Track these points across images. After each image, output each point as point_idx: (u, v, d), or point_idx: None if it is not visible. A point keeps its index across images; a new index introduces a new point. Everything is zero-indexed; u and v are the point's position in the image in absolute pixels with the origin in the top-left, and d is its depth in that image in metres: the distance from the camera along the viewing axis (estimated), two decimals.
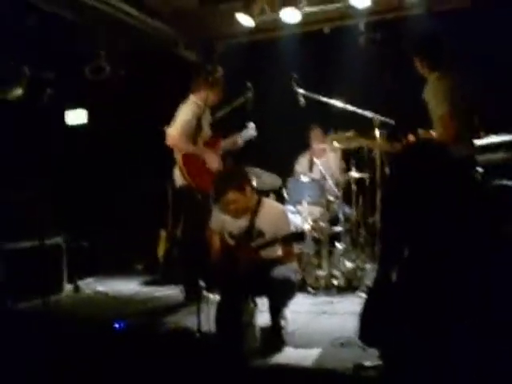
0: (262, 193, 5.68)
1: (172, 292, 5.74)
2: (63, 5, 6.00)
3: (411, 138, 4.45)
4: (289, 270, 4.10)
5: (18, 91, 6.15)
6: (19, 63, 6.09)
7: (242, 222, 4.17)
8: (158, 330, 4.00)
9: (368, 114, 5.47)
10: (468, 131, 4.21)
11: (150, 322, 4.37)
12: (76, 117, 7.34)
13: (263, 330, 4.09)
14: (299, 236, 4.02)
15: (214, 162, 5.23)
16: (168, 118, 5.58)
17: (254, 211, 4.17)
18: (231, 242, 4.23)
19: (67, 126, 7.19)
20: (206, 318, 3.86)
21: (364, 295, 5.09)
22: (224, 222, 4.26)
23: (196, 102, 5.24)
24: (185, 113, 5.21)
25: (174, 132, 5.11)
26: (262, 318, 4.14)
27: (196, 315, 3.82)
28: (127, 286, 6.17)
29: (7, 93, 6.10)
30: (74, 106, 7.15)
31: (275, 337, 4.01)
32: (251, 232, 4.12)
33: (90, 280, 6.36)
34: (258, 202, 4.22)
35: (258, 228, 4.13)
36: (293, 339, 4.02)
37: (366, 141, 5.22)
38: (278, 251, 4.11)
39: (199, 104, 5.20)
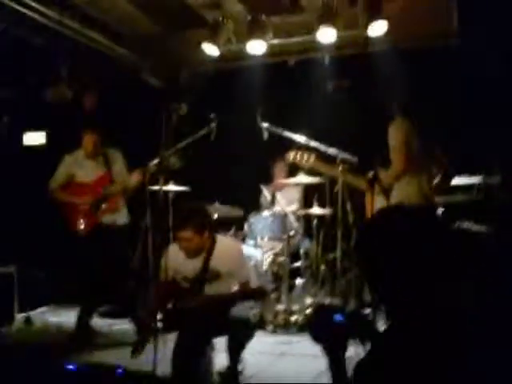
0: (224, 225, 5.64)
1: (127, 326, 5.60)
2: (26, 27, 5.86)
3: (371, 175, 4.44)
4: (246, 309, 4.01)
5: None
6: None
7: (196, 263, 4.06)
8: (110, 373, 3.85)
9: (331, 150, 5.47)
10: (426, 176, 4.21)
11: (102, 363, 4.23)
12: (34, 138, 7.18)
13: (220, 373, 4.01)
14: (259, 294, 3.95)
15: None
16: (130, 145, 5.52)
17: (209, 251, 4.06)
18: (185, 285, 4.11)
19: (24, 147, 7.02)
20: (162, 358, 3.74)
21: None
22: (178, 264, 4.11)
23: None
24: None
25: None
26: (219, 358, 4.05)
27: (152, 355, 3.69)
28: None
29: None
30: (33, 128, 6.99)
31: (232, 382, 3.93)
32: (206, 273, 4.02)
33: (43, 309, 6.16)
34: (213, 241, 4.12)
35: (214, 268, 4.03)
36: None
37: (327, 167, 5.22)
38: (234, 288, 4.02)
39: None
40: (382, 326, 2.70)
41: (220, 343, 4.02)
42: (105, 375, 3.82)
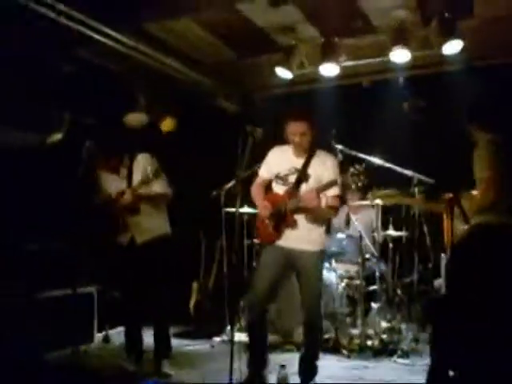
0: None
1: (202, 346, 5.67)
2: (106, 55, 6.10)
3: (450, 196, 4.33)
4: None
5: (57, 136, 6.23)
6: (60, 109, 6.19)
7: (296, 164, 4.23)
8: None
9: (407, 172, 5.39)
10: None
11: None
12: None
13: None
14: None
15: None
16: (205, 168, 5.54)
17: (310, 155, 4.25)
18: (278, 187, 4.27)
19: None
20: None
21: (401, 360, 4.95)
22: (279, 163, 4.32)
23: None
24: None
25: None
26: None
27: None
28: None
29: (46, 138, 6.18)
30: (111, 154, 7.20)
31: None
32: (304, 174, 4.18)
33: (120, 329, 6.28)
34: (313, 149, 4.29)
35: (309, 172, 4.20)
36: None
37: (406, 199, 5.13)
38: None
39: None
40: None
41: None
42: None
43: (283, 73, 6.15)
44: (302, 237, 4.15)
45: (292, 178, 4.21)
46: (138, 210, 4.80)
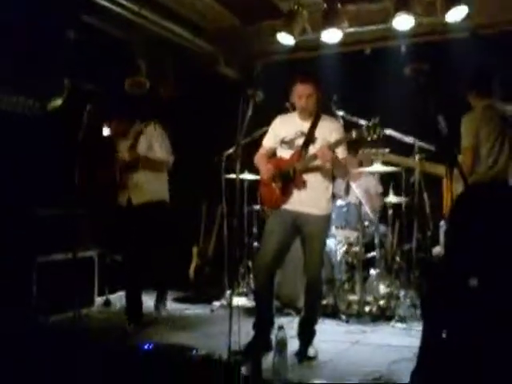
0: None
1: (202, 311, 5.74)
2: (108, 20, 6.05)
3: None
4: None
5: (58, 102, 6.20)
6: (60, 75, 6.15)
7: (302, 127, 4.25)
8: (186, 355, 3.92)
9: (408, 139, 5.38)
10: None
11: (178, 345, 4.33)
12: None
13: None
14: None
15: None
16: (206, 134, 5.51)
17: (316, 118, 4.26)
18: (284, 152, 4.30)
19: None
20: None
21: (398, 325, 5.01)
22: (285, 128, 4.35)
23: None
24: None
25: None
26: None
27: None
28: None
29: (47, 103, 6.15)
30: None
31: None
32: (311, 137, 4.20)
33: (121, 293, 6.34)
34: (318, 113, 4.31)
35: (315, 135, 4.22)
36: (325, 371, 3.93)
37: (402, 159, 5.13)
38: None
39: None
40: None
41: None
42: (180, 355, 3.92)
43: (285, 38, 6.09)
44: (309, 200, 4.16)
45: (299, 142, 4.23)
46: (137, 167, 4.96)
